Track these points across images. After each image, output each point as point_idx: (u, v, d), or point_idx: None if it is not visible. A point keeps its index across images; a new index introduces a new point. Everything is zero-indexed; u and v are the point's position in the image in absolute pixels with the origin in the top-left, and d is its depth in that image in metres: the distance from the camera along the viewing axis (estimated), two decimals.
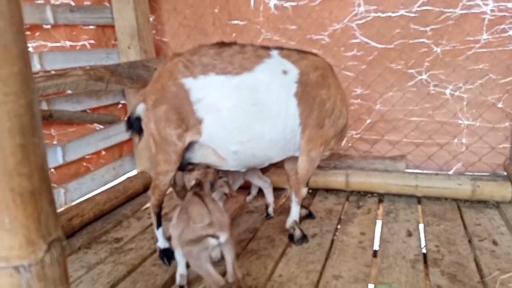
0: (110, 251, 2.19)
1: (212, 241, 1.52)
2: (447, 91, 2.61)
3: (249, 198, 2.78)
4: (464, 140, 2.64)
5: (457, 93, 2.60)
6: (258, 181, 2.51)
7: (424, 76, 2.65)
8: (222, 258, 1.61)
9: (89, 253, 2.17)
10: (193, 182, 1.84)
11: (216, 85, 1.84)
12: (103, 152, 2.92)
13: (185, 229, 1.58)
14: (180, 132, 1.87)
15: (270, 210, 2.50)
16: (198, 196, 1.69)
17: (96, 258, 2.11)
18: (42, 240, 0.70)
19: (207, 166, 1.94)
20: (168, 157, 1.92)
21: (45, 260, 0.71)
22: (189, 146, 1.97)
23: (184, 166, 2.06)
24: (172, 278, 1.88)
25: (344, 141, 2.75)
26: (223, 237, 1.53)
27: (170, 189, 2.99)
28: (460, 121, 2.63)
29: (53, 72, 2.31)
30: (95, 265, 2.03)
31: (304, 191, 2.20)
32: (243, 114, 1.86)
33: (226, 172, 2.18)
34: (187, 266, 1.78)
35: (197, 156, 2.00)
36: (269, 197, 2.50)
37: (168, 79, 1.87)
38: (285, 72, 1.92)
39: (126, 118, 2.14)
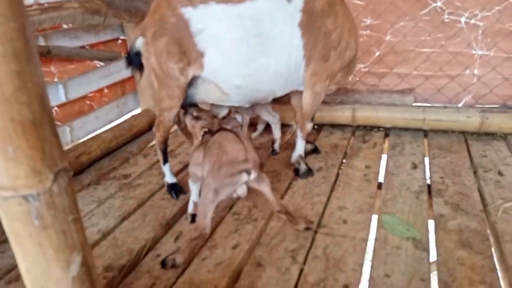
0: (119, 186, 2.23)
1: (244, 177, 1.54)
2: (462, 19, 2.48)
3: (255, 134, 2.77)
4: (476, 71, 2.55)
5: (472, 21, 2.47)
6: (268, 116, 2.48)
7: (439, 3, 2.50)
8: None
9: (99, 188, 2.22)
10: (201, 134, 1.79)
11: (217, 14, 1.75)
12: (106, 90, 2.88)
13: (216, 164, 1.56)
14: (182, 66, 1.82)
15: (276, 145, 2.51)
16: (232, 132, 1.68)
17: (106, 193, 2.17)
18: (48, 169, 0.69)
19: (214, 116, 1.87)
20: (171, 92, 1.88)
21: (53, 190, 0.71)
22: (192, 81, 1.92)
23: (188, 105, 2.03)
24: (181, 210, 1.94)
25: (351, 75, 2.67)
26: (254, 174, 1.56)
27: (175, 127, 2.99)
28: (473, 51, 2.52)
29: (46, 5, 2.20)
30: (106, 200, 2.09)
31: (309, 126, 2.18)
32: (246, 46, 1.79)
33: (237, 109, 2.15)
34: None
35: (200, 92, 1.96)
36: (277, 132, 2.49)
37: (167, 9, 1.77)
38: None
39: (125, 54, 2.08)
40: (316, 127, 2.83)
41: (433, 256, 1.52)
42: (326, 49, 1.89)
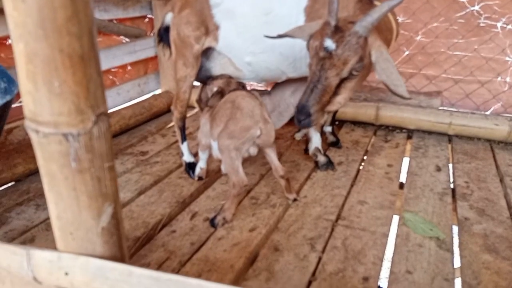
0: (136, 162, 2.21)
1: (259, 132, 1.56)
2: (499, 24, 2.41)
3: (298, 135, 2.58)
4: (508, 79, 2.48)
5: (509, 27, 2.40)
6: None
7: (476, 7, 2.43)
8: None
9: (116, 162, 2.20)
10: (215, 89, 1.83)
11: None
12: (129, 67, 2.86)
13: (230, 121, 1.57)
14: (198, 35, 1.88)
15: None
16: (246, 91, 1.71)
17: (123, 167, 2.15)
18: (90, 110, 0.67)
19: (230, 77, 1.93)
20: (186, 60, 1.93)
21: (93, 132, 0.68)
22: (209, 55, 1.99)
23: (206, 78, 2.05)
24: (198, 190, 1.91)
25: None
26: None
27: (192, 112, 2.97)
28: (507, 58, 2.45)
29: None
30: (122, 174, 2.07)
31: None
32: (256, 24, 1.83)
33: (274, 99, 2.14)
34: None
35: (216, 65, 2.02)
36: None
37: None
38: None
39: (156, 32, 2.11)
40: (337, 122, 2.78)
41: (457, 258, 1.47)
42: None
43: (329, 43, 1.41)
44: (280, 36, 1.62)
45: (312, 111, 1.48)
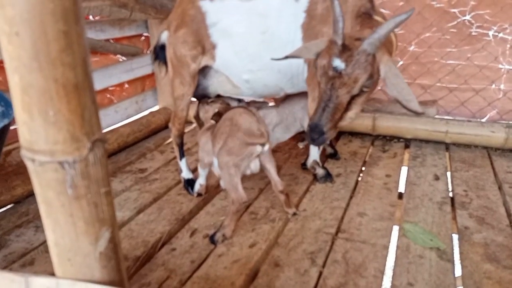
0: (135, 180, 2.22)
1: (258, 148, 1.57)
2: (490, 33, 2.44)
3: (302, 143, 2.59)
4: (502, 86, 2.50)
5: (501, 35, 2.43)
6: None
7: (468, 17, 2.46)
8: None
9: (115, 181, 2.21)
10: (211, 112, 1.85)
11: (230, 9, 1.83)
12: (126, 85, 2.89)
13: (229, 139, 1.59)
14: (195, 54, 1.89)
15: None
16: (243, 107, 1.72)
17: (122, 186, 2.15)
18: (86, 137, 0.67)
19: (229, 103, 1.94)
20: (183, 79, 1.95)
21: (89, 159, 0.68)
22: (206, 73, 2.00)
23: (204, 96, 2.07)
24: (197, 206, 1.91)
25: None
26: (267, 146, 1.62)
27: (190, 128, 2.99)
28: (500, 66, 2.48)
29: None
30: (121, 192, 2.07)
31: None
32: (253, 42, 1.84)
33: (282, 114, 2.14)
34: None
35: (214, 83, 2.04)
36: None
37: (188, 3, 1.89)
38: None
39: (151, 49, 2.14)
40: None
41: (458, 268, 1.46)
42: None
43: (338, 63, 1.40)
44: (286, 57, 1.62)
45: (326, 129, 1.47)
